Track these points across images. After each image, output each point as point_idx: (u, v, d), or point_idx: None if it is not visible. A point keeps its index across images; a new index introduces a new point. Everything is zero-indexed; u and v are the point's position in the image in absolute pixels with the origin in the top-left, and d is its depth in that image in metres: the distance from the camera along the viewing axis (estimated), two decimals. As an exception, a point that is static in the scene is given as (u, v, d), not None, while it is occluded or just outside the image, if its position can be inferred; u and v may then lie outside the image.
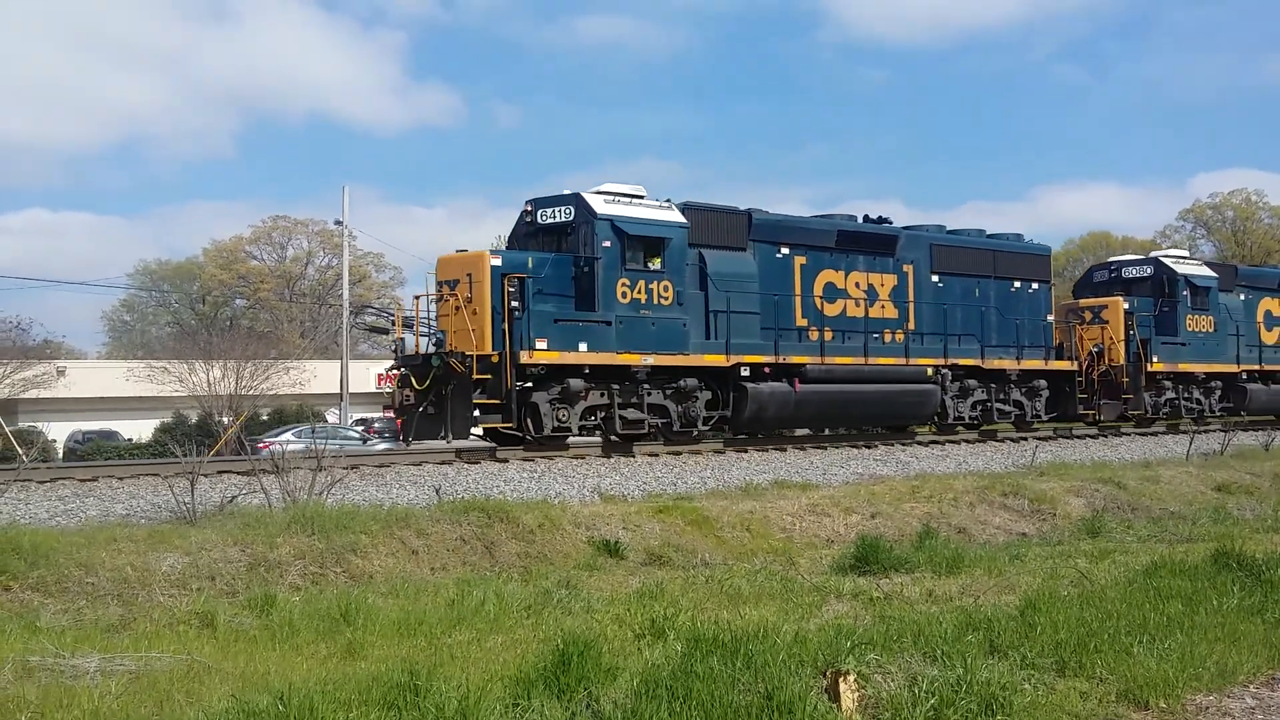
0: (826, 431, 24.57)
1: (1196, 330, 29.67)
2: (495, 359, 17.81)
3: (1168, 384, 29.10)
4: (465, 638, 8.42)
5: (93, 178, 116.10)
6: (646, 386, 19.51)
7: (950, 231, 25.80)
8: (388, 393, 19.13)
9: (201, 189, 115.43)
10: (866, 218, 24.17)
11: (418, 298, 19.55)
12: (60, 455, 34.40)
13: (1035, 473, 19.28)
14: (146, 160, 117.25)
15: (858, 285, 23.12)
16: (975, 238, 26.08)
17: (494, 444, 19.18)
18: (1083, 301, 29.85)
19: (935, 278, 24.44)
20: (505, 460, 17.70)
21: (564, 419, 18.55)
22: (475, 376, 17.50)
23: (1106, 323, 28.31)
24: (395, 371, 19.12)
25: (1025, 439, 25.05)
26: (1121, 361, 27.83)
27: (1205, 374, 29.99)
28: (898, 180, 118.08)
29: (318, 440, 17.19)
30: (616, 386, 19.15)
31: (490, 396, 17.76)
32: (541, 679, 6.56)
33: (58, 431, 39.28)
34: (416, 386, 18.11)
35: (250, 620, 9.17)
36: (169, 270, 75.79)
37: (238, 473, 14.89)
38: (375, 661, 7.53)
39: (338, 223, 41.80)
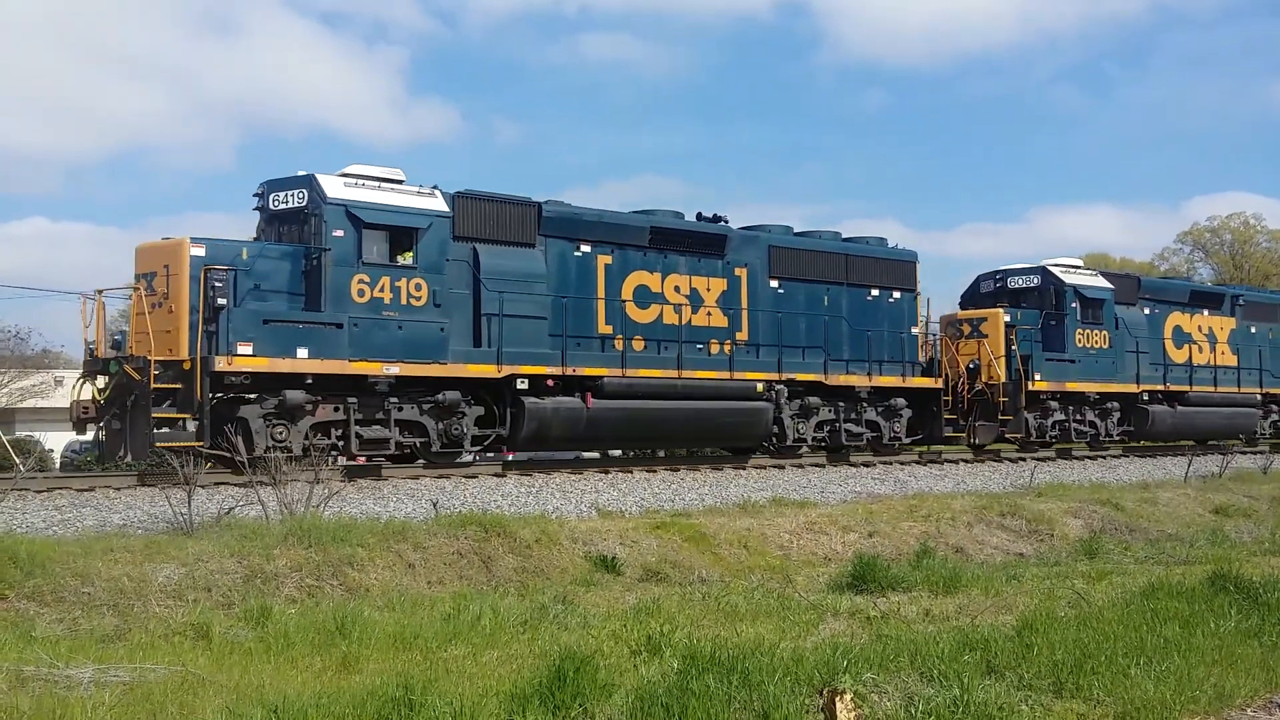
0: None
1: (1088, 346, 26.74)
2: (187, 366, 15.22)
3: (1054, 404, 26.20)
4: (461, 652, 8.41)
5: (93, 188, 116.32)
6: (395, 400, 16.89)
7: (799, 234, 23.05)
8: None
9: (201, 201, 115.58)
10: (700, 216, 21.60)
11: (100, 292, 16.33)
12: (57, 465, 34.38)
13: (1033, 493, 19.27)
14: (147, 171, 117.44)
15: (678, 289, 20.43)
16: (825, 240, 23.24)
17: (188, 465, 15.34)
18: (961, 313, 27.07)
19: (775, 283, 21.78)
20: (503, 475, 17.67)
21: (283, 437, 15.81)
22: (158, 386, 14.98)
23: (986, 336, 25.49)
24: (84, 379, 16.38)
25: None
26: (1001, 379, 24.98)
27: (1098, 394, 27.05)
28: (896, 200, 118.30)
29: None
30: (354, 400, 16.49)
31: (182, 410, 15.16)
32: (537, 694, 6.55)
33: (55, 441, 39.19)
34: (96, 397, 15.83)
35: (246, 632, 9.15)
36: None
37: (235, 484, 14.86)
38: (370, 675, 7.51)
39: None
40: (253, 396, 16.01)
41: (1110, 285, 27.87)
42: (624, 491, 17.16)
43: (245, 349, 15.48)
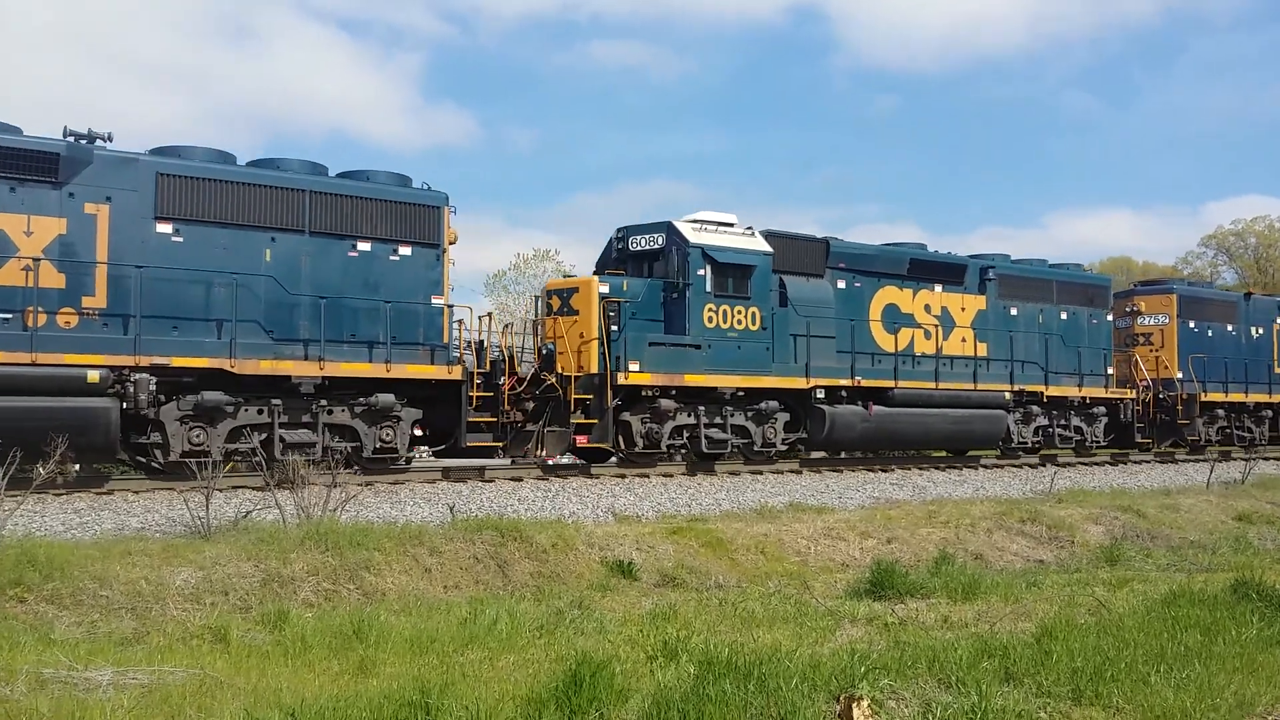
0: None
1: (726, 327, 19.94)
2: None
3: (668, 404, 19.25)
4: (477, 657, 8.41)
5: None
6: None
7: (254, 163, 16.58)
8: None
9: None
10: (69, 133, 15.18)
11: None
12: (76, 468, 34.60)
13: (1054, 499, 19.16)
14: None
15: None
16: (278, 173, 16.48)
17: None
18: (552, 283, 20.79)
19: (166, 228, 15.36)
20: (519, 479, 17.68)
21: None
22: None
23: (577, 313, 19.12)
24: None
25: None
26: (594, 369, 18.67)
27: (741, 390, 20.12)
28: (912, 205, 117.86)
29: None
30: None
31: None
32: (553, 699, 6.55)
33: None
34: None
35: (263, 636, 9.18)
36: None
37: (252, 487, 14.92)
38: (387, 679, 7.52)
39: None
40: None
41: (766, 249, 20.76)
42: (640, 496, 17.14)
43: None
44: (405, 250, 17.30)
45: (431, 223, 17.58)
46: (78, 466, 15.23)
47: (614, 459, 19.92)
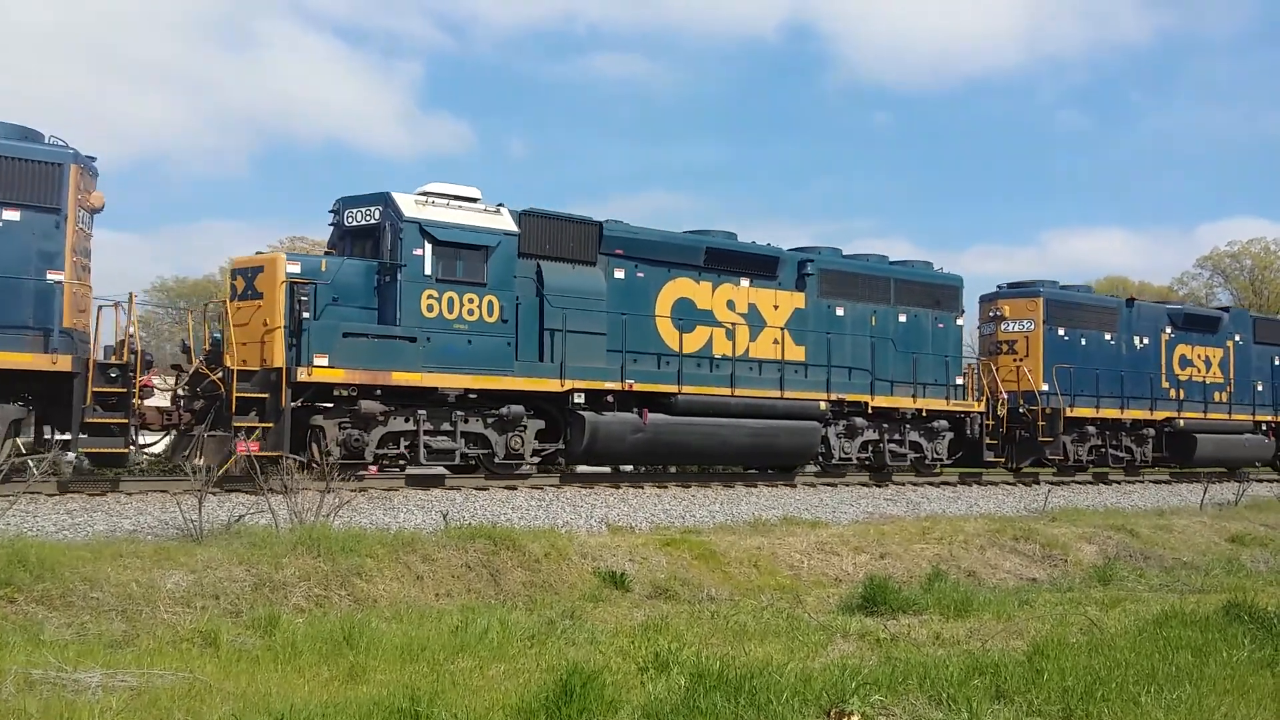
0: None
1: (451, 317, 17.09)
2: None
3: (372, 406, 16.46)
4: (468, 665, 8.39)
5: (111, 196, 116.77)
6: None
7: None
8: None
9: (216, 209, 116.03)
10: None
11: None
12: (70, 469, 34.49)
13: (1047, 518, 19.16)
14: (163, 179, 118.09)
15: None
16: None
17: None
18: (235, 260, 17.58)
19: None
20: (514, 487, 17.65)
21: None
22: None
23: (262, 296, 16.34)
24: None
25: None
26: (277, 363, 15.92)
27: (470, 391, 17.43)
28: (906, 220, 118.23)
29: None
30: None
31: None
32: (543, 709, 6.54)
33: (69, 445, 39.25)
34: None
35: (253, 640, 9.16)
36: (185, 287, 76.39)
37: (246, 491, 14.89)
38: (377, 686, 7.50)
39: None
40: None
41: (509, 228, 17.90)
42: (634, 507, 17.12)
43: None
44: (10, 214, 14.22)
45: (50, 183, 14.40)
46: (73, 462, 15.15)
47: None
